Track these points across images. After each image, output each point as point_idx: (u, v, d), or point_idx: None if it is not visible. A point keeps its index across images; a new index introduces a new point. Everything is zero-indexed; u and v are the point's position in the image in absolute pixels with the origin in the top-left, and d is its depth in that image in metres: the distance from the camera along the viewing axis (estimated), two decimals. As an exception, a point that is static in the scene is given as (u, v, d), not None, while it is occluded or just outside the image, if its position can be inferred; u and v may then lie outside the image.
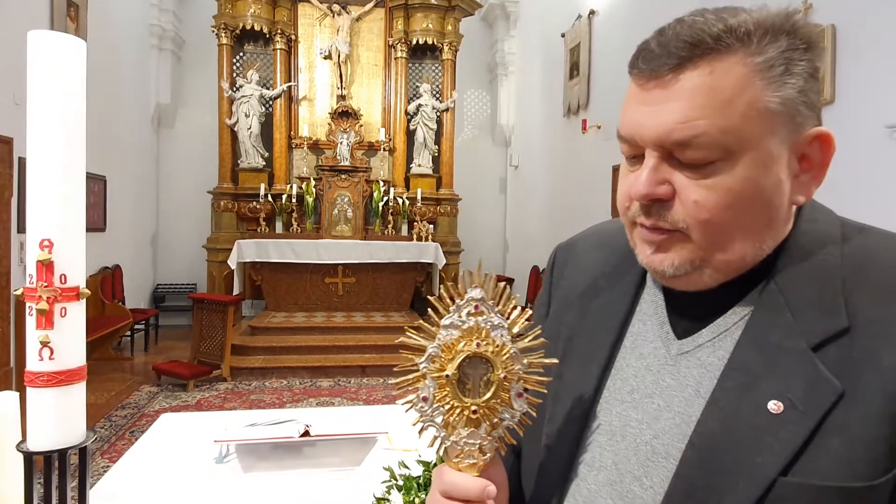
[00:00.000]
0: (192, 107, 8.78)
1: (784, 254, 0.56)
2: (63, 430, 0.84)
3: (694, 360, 0.58)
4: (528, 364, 0.59)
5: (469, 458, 0.60)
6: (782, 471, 0.49)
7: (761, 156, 0.52)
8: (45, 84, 0.82)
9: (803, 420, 0.49)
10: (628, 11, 5.78)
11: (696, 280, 0.56)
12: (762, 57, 0.51)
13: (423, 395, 0.59)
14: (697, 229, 0.53)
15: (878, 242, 0.56)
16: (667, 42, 0.52)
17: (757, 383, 0.52)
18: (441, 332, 0.59)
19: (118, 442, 3.98)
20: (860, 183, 3.16)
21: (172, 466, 1.43)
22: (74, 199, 0.84)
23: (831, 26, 3.33)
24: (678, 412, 0.57)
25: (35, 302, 0.81)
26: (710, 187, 0.52)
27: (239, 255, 6.93)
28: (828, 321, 0.51)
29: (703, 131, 0.51)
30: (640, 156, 0.56)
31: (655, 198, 0.54)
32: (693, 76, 0.51)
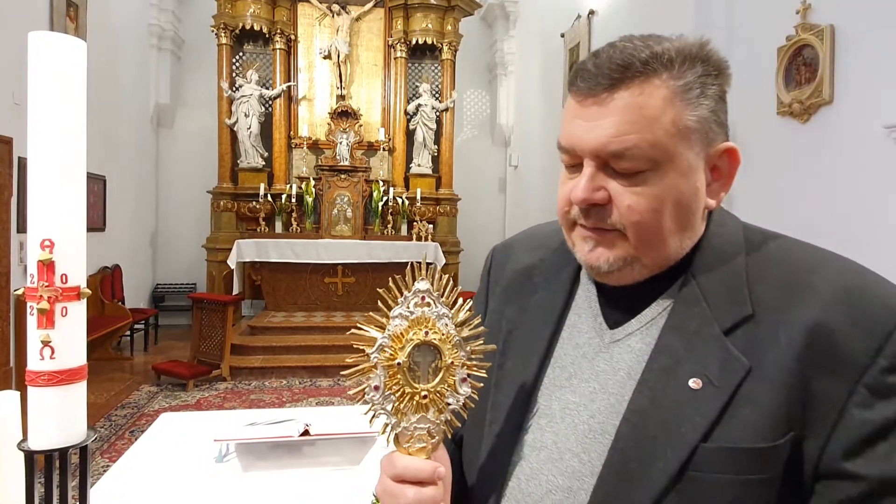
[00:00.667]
0: (192, 107, 8.78)
1: (699, 253, 0.65)
2: (64, 429, 0.85)
3: (625, 347, 0.66)
4: (470, 351, 0.64)
5: (419, 443, 0.63)
6: (702, 438, 0.56)
7: (682, 166, 0.60)
8: (46, 85, 0.82)
9: (718, 394, 0.57)
10: (628, 11, 5.78)
11: (626, 275, 0.64)
12: (682, 81, 0.59)
13: (375, 385, 0.63)
14: (631, 230, 0.61)
15: (773, 243, 0.66)
16: (601, 64, 0.59)
17: (679, 364, 0.60)
18: (390, 323, 0.63)
19: (118, 441, 3.98)
20: (859, 183, 3.16)
21: (172, 466, 1.43)
22: (75, 199, 0.85)
23: (830, 26, 3.34)
24: (612, 393, 0.64)
25: (36, 301, 0.82)
26: (640, 193, 0.60)
27: (238, 255, 6.93)
28: (736, 309, 0.60)
29: (633, 144, 0.58)
30: (579, 165, 0.63)
31: (593, 203, 0.61)
32: (625, 95, 0.59)
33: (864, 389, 0.55)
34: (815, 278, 0.60)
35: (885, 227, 2.99)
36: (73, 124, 0.84)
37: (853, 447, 0.54)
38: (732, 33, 4.33)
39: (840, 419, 0.55)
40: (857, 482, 0.54)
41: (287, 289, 7.27)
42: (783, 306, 0.59)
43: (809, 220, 3.42)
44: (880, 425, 0.54)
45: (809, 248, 0.65)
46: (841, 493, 0.55)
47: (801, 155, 3.58)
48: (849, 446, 0.54)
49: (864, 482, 0.54)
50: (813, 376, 0.56)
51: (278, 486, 1.34)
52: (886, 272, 2.36)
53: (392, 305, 0.63)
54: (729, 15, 4.34)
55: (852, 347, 0.55)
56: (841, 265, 0.62)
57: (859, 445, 0.54)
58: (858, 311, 0.57)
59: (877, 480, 0.53)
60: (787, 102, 3.64)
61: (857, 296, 0.58)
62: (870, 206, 3.09)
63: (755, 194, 4.02)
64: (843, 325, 0.56)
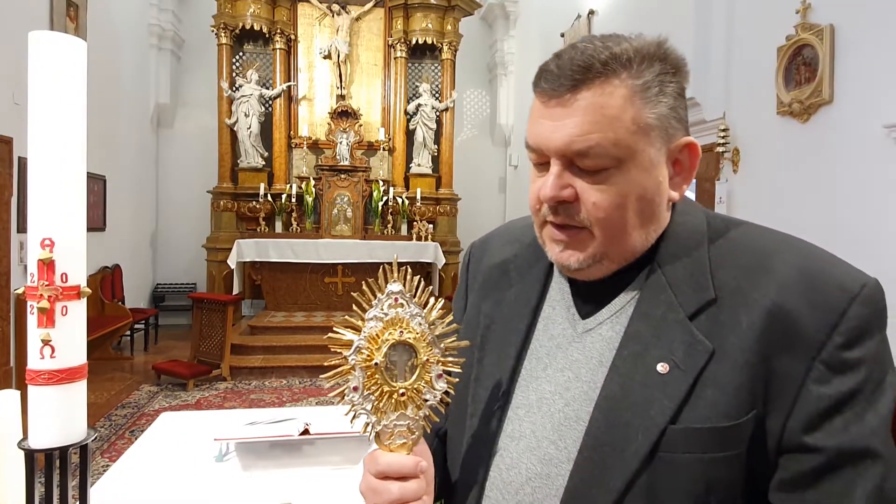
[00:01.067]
0: (192, 106, 8.78)
1: (664, 242, 0.67)
2: (64, 427, 0.85)
3: (597, 336, 0.68)
4: (444, 348, 0.66)
5: (400, 439, 0.65)
6: (671, 420, 0.59)
7: (644, 163, 0.62)
8: (46, 84, 0.82)
9: (684, 377, 0.60)
10: (627, 11, 5.78)
11: (594, 272, 0.67)
12: (641, 80, 0.61)
13: (354, 385, 0.65)
14: (598, 226, 0.63)
15: (735, 230, 0.68)
16: (563, 65, 0.61)
17: (647, 350, 0.63)
18: (366, 325, 0.65)
19: (118, 441, 3.98)
20: (859, 182, 3.16)
21: (172, 465, 1.43)
22: (75, 199, 0.85)
23: (830, 26, 3.34)
24: (585, 381, 0.67)
25: (36, 300, 0.82)
26: (604, 191, 0.62)
27: (238, 255, 6.93)
28: (699, 295, 0.63)
29: (596, 143, 0.60)
30: (547, 163, 0.65)
31: (560, 200, 0.63)
32: (587, 96, 0.61)
33: (822, 366, 0.58)
34: (774, 261, 0.63)
35: (885, 227, 2.99)
36: (73, 123, 0.84)
37: (812, 421, 0.57)
38: (732, 33, 4.33)
39: (799, 395, 0.58)
40: (817, 454, 0.57)
41: (287, 288, 7.28)
42: (744, 290, 0.62)
43: (809, 219, 3.42)
44: (836, 399, 0.57)
45: (768, 233, 0.68)
46: (802, 465, 0.58)
47: (801, 154, 3.58)
48: (808, 420, 0.57)
49: (822, 454, 0.57)
50: (773, 355, 0.59)
51: (278, 485, 1.34)
52: (887, 271, 2.38)
53: (367, 308, 0.65)
54: (729, 15, 4.34)
55: (809, 326, 0.58)
56: (797, 248, 0.65)
57: (817, 419, 0.57)
58: (814, 291, 0.60)
59: (834, 452, 0.56)
60: (787, 102, 3.64)
61: (813, 277, 0.61)
62: (870, 206, 3.09)
63: (755, 194, 4.02)
64: (800, 305, 0.59)
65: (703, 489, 0.58)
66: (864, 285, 0.60)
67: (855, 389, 0.57)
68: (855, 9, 3.22)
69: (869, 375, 0.58)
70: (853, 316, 0.58)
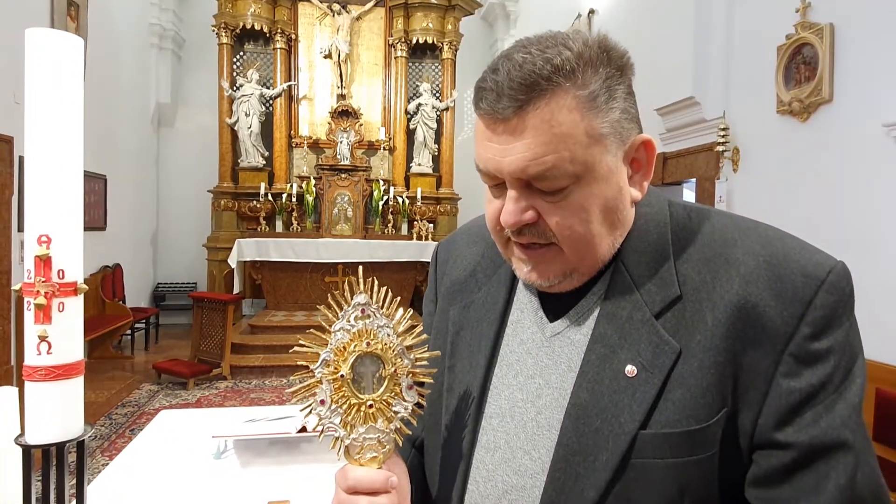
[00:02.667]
0: (193, 106, 8.79)
1: (627, 239, 0.65)
2: (61, 424, 0.85)
3: (565, 340, 0.66)
4: (414, 358, 0.65)
5: (370, 452, 0.64)
6: (641, 425, 0.58)
7: (602, 172, 0.60)
8: (43, 81, 0.83)
9: (652, 379, 0.58)
10: (627, 11, 5.78)
11: (566, 286, 0.65)
12: (587, 90, 0.57)
13: (321, 399, 0.64)
14: (565, 243, 0.61)
15: (697, 220, 0.66)
16: (502, 83, 0.57)
17: (615, 353, 0.61)
18: (332, 338, 0.64)
19: (118, 440, 3.99)
20: (859, 181, 3.16)
21: (171, 462, 1.43)
22: (72, 195, 0.85)
23: (829, 25, 3.33)
24: (555, 387, 0.65)
25: (33, 297, 0.82)
26: (566, 207, 0.60)
27: (239, 254, 6.94)
28: (665, 292, 0.61)
29: (552, 164, 0.57)
30: (502, 184, 0.62)
31: (523, 224, 0.61)
32: (534, 116, 0.57)
33: (790, 358, 0.56)
34: (737, 252, 0.61)
35: (886, 225, 2.99)
36: (69, 120, 0.85)
37: (783, 416, 0.56)
38: (732, 32, 4.33)
39: (769, 390, 0.57)
40: (789, 450, 0.56)
41: (287, 288, 7.28)
42: (708, 284, 0.60)
43: (809, 217, 3.42)
44: (807, 392, 0.56)
45: (730, 221, 0.66)
46: (775, 461, 0.57)
47: (801, 153, 3.58)
48: (779, 416, 0.56)
49: (794, 449, 0.56)
50: (741, 351, 0.57)
51: (276, 482, 1.34)
52: (887, 269, 2.39)
53: (333, 321, 0.64)
54: (729, 14, 4.34)
55: (775, 318, 0.57)
56: (760, 235, 0.63)
57: (788, 414, 0.56)
58: (778, 281, 0.58)
59: (806, 446, 0.55)
60: (787, 101, 3.64)
61: (777, 266, 0.59)
62: (870, 204, 3.09)
63: (755, 193, 4.02)
64: (766, 297, 0.58)
65: (677, 492, 0.57)
66: (830, 271, 0.58)
67: (825, 380, 0.56)
68: (854, 8, 3.22)
69: (838, 364, 0.56)
70: (820, 304, 0.57)
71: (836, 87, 3.32)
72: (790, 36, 3.62)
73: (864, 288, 3.06)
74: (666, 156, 5.14)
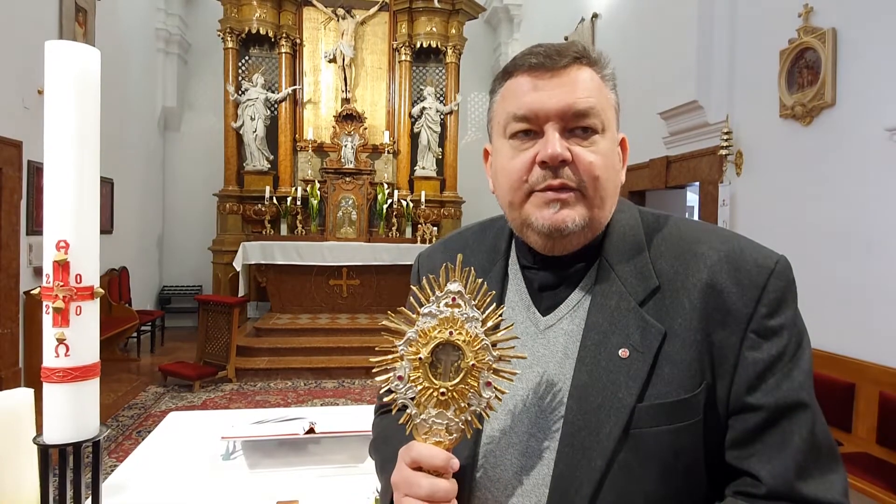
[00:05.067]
0: (198, 110, 8.85)
1: (608, 238, 0.75)
2: (77, 424, 0.87)
3: (559, 331, 0.74)
4: (498, 356, 0.65)
5: (436, 437, 0.66)
6: (637, 399, 0.66)
7: (613, 136, 0.73)
8: (62, 92, 0.85)
9: (644, 358, 0.67)
10: (630, 14, 5.80)
11: (578, 238, 0.72)
12: (605, 71, 0.73)
13: (399, 375, 0.66)
14: (591, 186, 0.70)
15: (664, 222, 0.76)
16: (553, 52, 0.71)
17: (608, 338, 0.69)
18: (420, 320, 0.65)
19: (125, 442, 4.02)
20: (861, 184, 3.17)
21: (180, 463, 1.46)
22: (89, 202, 0.88)
23: (832, 29, 3.35)
24: (554, 373, 0.72)
25: (52, 300, 0.84)
26: (596, 152, 0.70)
27: (244, 257, 6.98)
28: (645, 283, 0.71)
29: (595, 103, 0.70)
30: (533, 133, 0.71)
31: (564, 158, 0.69)
32: (581, 71, 0.71)
33: (753, 334, 0.66)
34: (701, 248, 0.71)
35: (888, 228, 2.99)
36: (87, 129, 0.87)
37: (751, 383, 0.66)
38: (735, 36, 4.34)
39: (738, 363, 0.67)
40: (758, 412, 0.65)
41: (292, 291, 7.31)
42: (681, 276, 0.70)
43: (812, 221, 3.43)
44: (769, 362, 0.66)
45: (692, 224, 0.77)
46: (748, 423, 0.66)
47: (804, 157, 3.59)
48: (748, 383, 0.66)
49: (763, 410, 0.65)
50: (712, 331, 0.67)
51: (284, 483, 1.37)
52: (888, 271, 2.40)
53: (424, 303, 0.65)
54: (731, 18, 4.35)
55: (738, 302, 0.67)
56: (718, 234, 0.73)
57: (755, 381, 0.66)
58: (738, 271, 0.68)
59: (773, 407, 0.65)
60: (790, 105, 3.65)
61: (735, 258, 0.69)
62: (872, 207, 3.09)
63: (758, 196, 4.03)
64: (728, 284, 0.68)
65: (672, 457, 0.65)
66: (777, 262, 0.69)
67: (781, 351, 0.66)
68: (857, 12, 3.23)
69: (790, 338, 0.67)
70: (772, 289, 0.67)
71: (838, 91, 3.33)
72: (793, 40, 3.64)
73: (866, 290, 3.08)
74: (669, 159, 5.14)
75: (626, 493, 0.65)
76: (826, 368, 3.25)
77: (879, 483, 2.64)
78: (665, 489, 0.65)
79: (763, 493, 0.64)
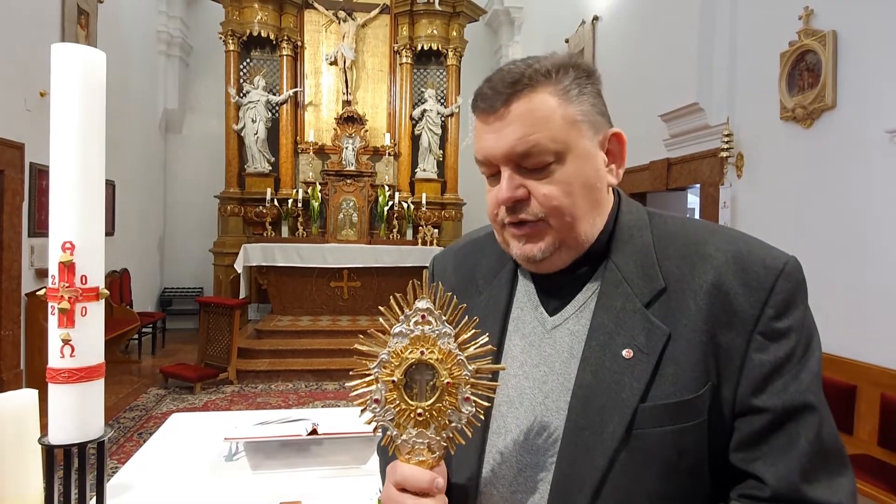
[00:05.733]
0: (200, 112, 8.87)
1: (614, 239, 0.75)
2: (82, 424, 0.88)
3: (565, 331, 0.75)
4: (475, 370, 0.64)
5: (418, 456, 0.65)
6: (640, 399, 0.66)
7: (580, 153, 0.71)
8: (69, 93, 0.86)
9: (648, 359, 0.67)
10: (631, 17, 5.81)
11: (556, 260, 0.73)
12: (561, 85, 0.70)
13: (376, 398, 0.65)
14: (553, 216, 0.70)
15: (671, 222, 0.76)
16: (495, 86, 0.70)
17: (612, 339, 0.70)
18: (391, 340, 0.64)
19: (126, 443, 4.02)
20: (862, 187, 3.17)
21: (183, 464, 1.46)
22: (95, 204, 0.88)
23: (832, 32, 3.35)
24: (560, 373, 0.73)
25: (57, 301, 0.85)
26: (552, 182, 0.70)
27: (245, 259, 6.98)
28: (652, 285, 0.70)
29: (536, 142, 0.68)
30: (497, 174, 0.72)
31: (516, 199, 0.70)
32: (519, 106, 0.69)
33: (759, 336, 0.66)
34: (709, 248, 0.71)
35: (889, 231, 3.00)
36: (93, 130, 0.88)
37: (757, 385, 0.65)
38: (735, 39, 4.35)
39: (744, 364, 0.66)
40: (765, 413, 0.65)
41: (293, 293, 7.32)
42: (687, 277, 0.70)
43: (813, 223, 3.43)
44: (775, 364, 0.65)
45: (699, 224, 0.77)
46: (754, 425, 0.65)
47: (805, 159, 3.59)
48: (754, 385, 0.66)
49: (770, 413, 0.65)
50: (718, 332, 0.67)
51: (286, 484, 1.37)
52: (889, 273, 2.41)
53: (393, 322, 0.64)
54: (732, 21, 4.36)
55: (744, 303, 0.66)
56: (724, 235, 0.73)
57: (762, 383, 0.65)
58: (745, 273, 0.68)
59: (780, 409, 0.64)
60: (791, 107, 3.65)
61: (742, 259, 0.69)
62: (873, 210, 3.10)
63: (759, 198, 4.03)
64: (735, 286, 0.67)
65: (675, 456, 0.65)
66: (786, 263, 0.68)
67: (789, 353, 0.65)
68: (857, 15, 3.23)
69: (798, 340, 0.66)
70: (779, 290, 0.66)
71: (839, 93, 3.34)
72: (793, 43, 3.65)
73: (867, 292, 3.08)
74: (670, 162, 5.15)
75: (629, 493, 0.65)
76: (827, 370, 3.25)
77: (881, 485, 2.64)
78: (667, 489, 0.66)
79: (768, 496, 0.63)
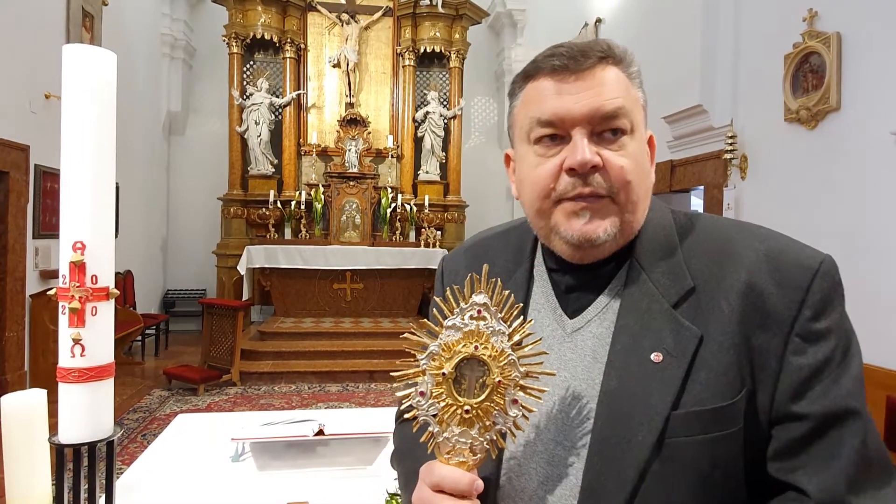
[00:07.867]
0: (203, 114, 8.89)
1: (639, 239, 0.71)
2: (92, 424, 0.88)
3: (587, 334, 0.70)
4: (525, 372, 0.62)
5: (459, 457, 0.62)
6: (672, 406, 0.62)
7: (642, 135, 0.69)
8: (79, 94, 0.86)
9: (678, 363, 0.63)
10: (634, 19, 5.82)
11: (606, 248, 0.68)
12: (630, 69, 0.69)
13: (421, 390, 0.62)
14: (623, 191, 0.66)
15: (697, 221, 0.73)
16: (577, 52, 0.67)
17: (639, 342, 0.65)
18: (443, 332, 0.62)
19: (130, 445, 4.03)
20: (866, 189, 3.16)
21: (189, 464, 1.46)
22: (105, 204, 0.89)
23: (836, 34, 3.35)
24: (582, 379, 0.68)
25: (68, 301, 0.85)
26: (626, 156, 0.66)
27: (248, 261, 6.99)
28: (679, 284, 0.67)
29: (622, 104, 0.66)
30: (559, 138, 0.67)
31: (594, 164, 0.65)
32: (606, 71, 0.67)
33: (797, 338, 0.62)
34: (738, 247, 0.67)
35: (893, 232, 2.99)
36: (103, 131, 0.89)
37: (796, 390, 0.62)
38: (739, 40, 4.35)
39: (782, 369, 0.62)
40: (805, 420, 0.61)
41: (296, 294, 7.32)
42: (717, 276, 0.66)
43: (817, 225, 3.43)
44: (814, 367, 0.61)
45: (727, 222, 0.73)
46: (793, 432, 0.62)
47: (809, 161, 3.59)
48: (792, 390, 0.62)
49: (810, 419, 0.61)
50: (752, 335, 0.63)
51: (293, 484, 1.37)
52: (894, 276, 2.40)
53: (448, 315, 0.62)
54: (735, 22, 4.36)
55: (779, 304, 0.63)
56: (755, 233, 0.69)
57: (801, 388, 0.62)
58: (778, 271, 0.64)
59: (820, 416, 0.61)
60: (795, 109, 3.65)
61: (775, 258, 0.65)
62: (877, 212, 3.09)
63: (763, 200, 4.03)
64: (769, 286, 0.63)
65: (709, 467, 0.61)
66: (822, 262, 0.64)
67: (829, 356, 0.62)
68: (861, 16, 3.23)
69: (837, 342, 0.62)
70: (816, 290, 0.63)
71: (843, 95, 3.33)
72: (797, 44, 3.64)
73: (873, 295, 3.07)
74: (674, 163, 5.15)
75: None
76: (832, 372, 3.23)
77: (887, 488, 2.63)
78: (701, 502, 0.61)
79: None
